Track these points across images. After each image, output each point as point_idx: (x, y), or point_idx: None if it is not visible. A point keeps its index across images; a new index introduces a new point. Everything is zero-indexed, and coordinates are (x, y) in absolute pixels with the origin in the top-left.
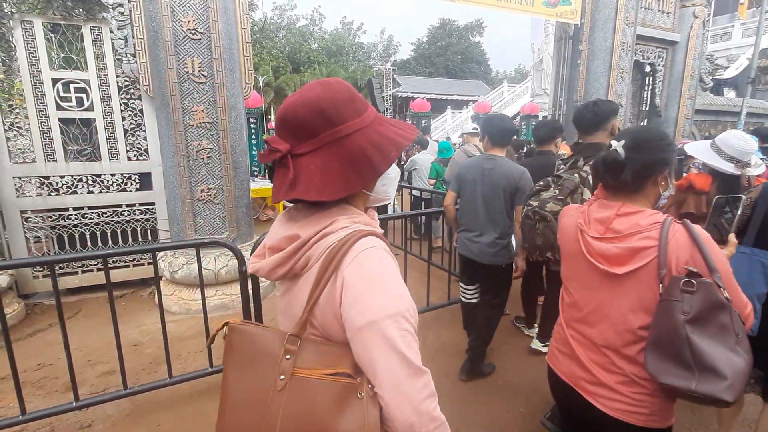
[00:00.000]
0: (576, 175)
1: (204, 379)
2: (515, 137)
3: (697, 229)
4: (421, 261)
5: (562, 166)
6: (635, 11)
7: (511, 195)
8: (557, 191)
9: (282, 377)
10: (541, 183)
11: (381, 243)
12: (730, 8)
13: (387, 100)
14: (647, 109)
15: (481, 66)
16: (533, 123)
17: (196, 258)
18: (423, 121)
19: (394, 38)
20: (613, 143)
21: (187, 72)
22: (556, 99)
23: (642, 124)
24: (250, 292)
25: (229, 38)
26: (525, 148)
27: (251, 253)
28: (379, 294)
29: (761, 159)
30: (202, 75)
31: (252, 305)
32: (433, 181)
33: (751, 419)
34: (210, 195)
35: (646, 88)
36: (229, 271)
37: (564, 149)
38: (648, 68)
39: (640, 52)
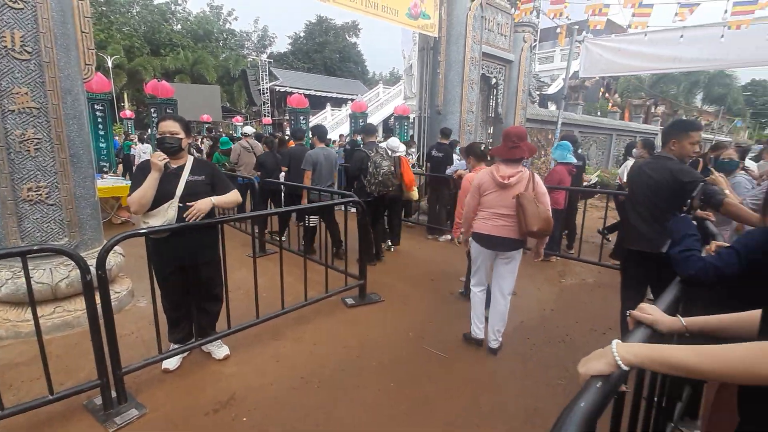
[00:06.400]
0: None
1: (44, 409)
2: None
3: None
4: (298, 256)
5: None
6: (481, 31)
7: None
8: (388, 162)
9: None
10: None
11: None
12: (552, 36)
13: (264, 93)
14: (493, 116)
15: (358, 66)
16: (406, 124)
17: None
18: (301, 118)
19: (270, 29)
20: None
21: (5, 46)
22: (421, 103)
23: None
24: (99, 305)
25: (61, 10)
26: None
27: None
28: None
29: (572, 159)
30: (25, 51)
31: (102, 321)
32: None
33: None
34: (40, 194)
35: (491, 98)
36: (70, 283)
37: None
38: (493, 81)
39: (486, 67)
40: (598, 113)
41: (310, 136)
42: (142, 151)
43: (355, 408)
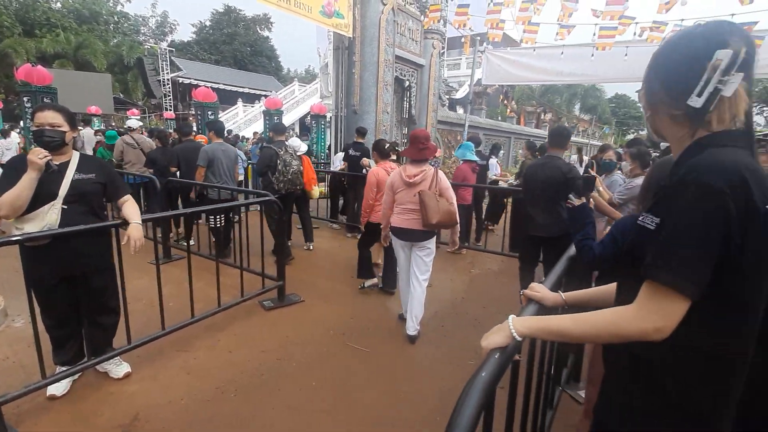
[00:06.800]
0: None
1: None
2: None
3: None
4: (209, 260)
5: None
6: (393, 35)
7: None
8: (297, 161)
9: None
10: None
11: None
12: (458, 45)
13: (165, 85)
14: (407, 117)
15: (272, 62)
16: (323, 123)
17: None
18: (209, 113)
19: (170, 15)
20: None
21: None
22: (337, 102)
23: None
24: None
25: None
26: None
27: None
28: None
29: (472, 156)
30: None
31: None
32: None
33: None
34: None
35: (405, 100)
36: None
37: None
38: (406, 84)
39: (399, 69)
40: (499, 118)
41: (207, 131)
42: (5, 147)
43: (276, 412)
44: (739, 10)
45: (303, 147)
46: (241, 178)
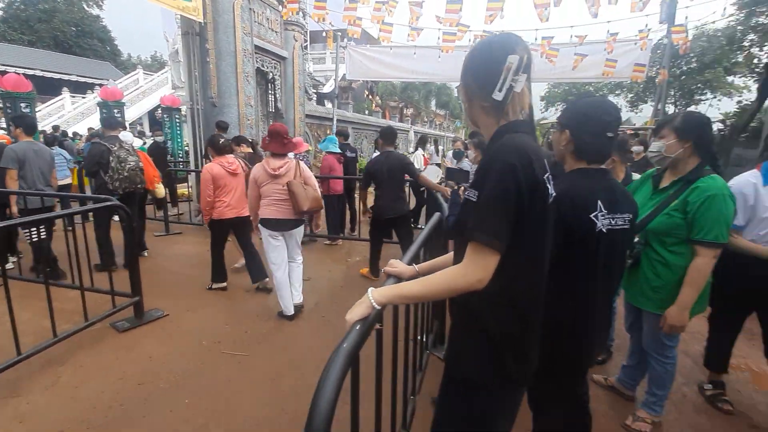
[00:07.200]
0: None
1: None
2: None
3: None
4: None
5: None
6: (251, 23)
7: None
8: (135, 157)
9: None
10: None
11: None
12: (321, 39)
13: None
14: (273, 111)
15: (106, 45)
16: (177, 116)
17: None
18: (23, 105)
19: None
20: None
21: None
22: (192, 94)
23: (271, 122)
24: None
25: None
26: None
27: None
28: None
29: (335, 148)
30: None
31: None
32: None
33: None
34: None
35: (270, 93)
36: None
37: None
38: (270, 76)
39: (260, 61)
40: (366, 112)
41: (11, 128)
42: None
43: None
44: (541, 25)
45: (137, 142)
46: (67, 181)
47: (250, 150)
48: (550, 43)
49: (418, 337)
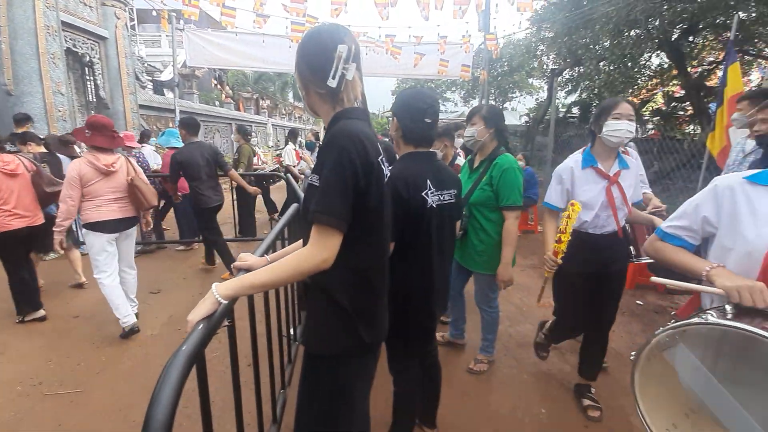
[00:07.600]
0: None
1: None
2: None
3: None
4: None
5: None
6: None
7: None
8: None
9: None
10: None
11: None
12: (154, 19)
13: None
14: (95, 100)
15: None
16: None
17: None
18: None
19: None
20: None
21: None
22: None
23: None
24: None
25: None
26: None
27: None
28: None
29: (177, 143)
30: None
31: None
32: None
33: None
34: None
35: (88, 78)
36: None
37: None
38: (87, 59)
39: (71, 40)
40: (216, 103)
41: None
42: None
43: None
44: (383, 23)
45: None
46: None
47: (42, 149)
48: (393, 40)
49: (291, 331)
